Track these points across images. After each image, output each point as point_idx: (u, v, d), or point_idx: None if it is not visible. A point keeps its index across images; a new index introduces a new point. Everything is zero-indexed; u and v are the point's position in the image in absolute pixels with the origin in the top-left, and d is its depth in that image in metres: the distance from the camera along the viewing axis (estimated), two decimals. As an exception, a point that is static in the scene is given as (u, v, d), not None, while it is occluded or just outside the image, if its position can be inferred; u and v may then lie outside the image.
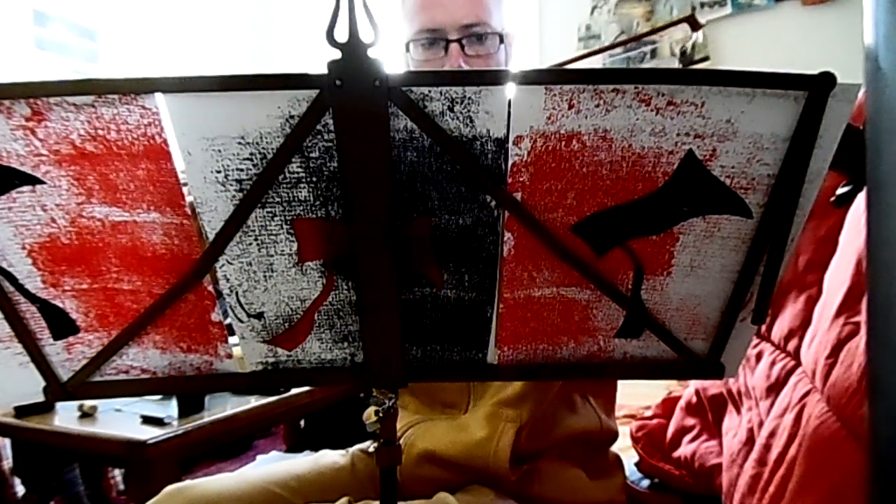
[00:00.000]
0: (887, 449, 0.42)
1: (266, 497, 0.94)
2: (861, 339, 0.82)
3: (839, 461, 0.81)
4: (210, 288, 0.57)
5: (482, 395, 0.99)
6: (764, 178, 0.52)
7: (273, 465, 1.03)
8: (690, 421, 1.34)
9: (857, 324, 0.85)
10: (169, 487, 0.93)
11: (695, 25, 0.95)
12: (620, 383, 1.11)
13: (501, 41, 0.99)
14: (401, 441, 1.00)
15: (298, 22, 3.63)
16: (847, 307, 0.88)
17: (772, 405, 1.02)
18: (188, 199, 0.53)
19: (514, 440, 0.93)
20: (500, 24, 1.00)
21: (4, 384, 0.59)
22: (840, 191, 0.75)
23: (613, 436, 1.08)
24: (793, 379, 1.00)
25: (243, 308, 0.57)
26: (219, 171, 0.51)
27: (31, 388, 0.59)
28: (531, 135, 0.51)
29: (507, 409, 0.95)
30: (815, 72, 0.48)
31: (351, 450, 1.09)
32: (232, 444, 2.78)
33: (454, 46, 0.96)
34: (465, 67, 0.95)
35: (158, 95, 0.49)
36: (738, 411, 1.19)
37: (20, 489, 2.23)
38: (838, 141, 0.51)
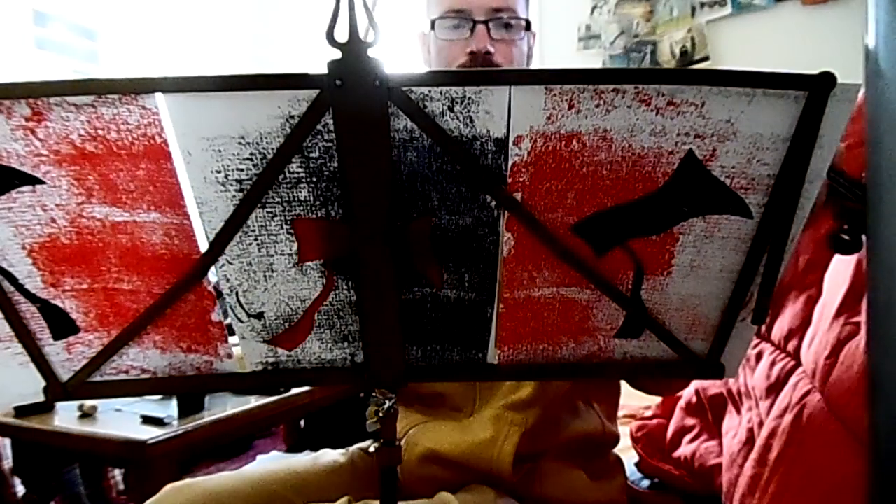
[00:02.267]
0: (887, 449, 0.42)
1: (266, 495, 0.94)
2: (861, 339, 0.82)
3: (839, 461, 0.81)
4: (210, 288, 0.57)
5: (488, 399, 0.98)
6: (764, 178, 0.52)
7: (273, 464, 1.03)
8: (690, 421, 1.34)
9: (857, 324, 0.85)
10: (169, 486, 0.93)
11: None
12: (621, 383, 1.11)
13: (527, 28, 1.00)
14: (403, 440, 1.00)
15: (298, 22, 3.62)
16: (847, 307, 0.88)
17: (772, 405, 1.02)
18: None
19: (517, 443, 0.93)
20: (526, 14, 1.01)
21: (4, 384, 0.59)
22: (840, 236, 0.76)
23: (615, 439, 1.08)
24: (793, 379, 1.00)
25: (243, 308, 0.57)
26: (219, 171, 0.51)
27: (31, 388, 0.59)
28: (531, 135, 0.51)
29: (513, 413, 0.95)
30: (815, 72, 0.48)
31: (351, 449, 1.09)
32: (232, 444, 2.78)
33: (481, 28, 0.96)
34: (491, 50, 0.96)
35: (158, 95, 0.49)
36: (738, 411, 1.19)
37: (20, 489, 2.22)
38: (838, 142, 0.51)
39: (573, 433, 1.00)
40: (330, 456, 1.07)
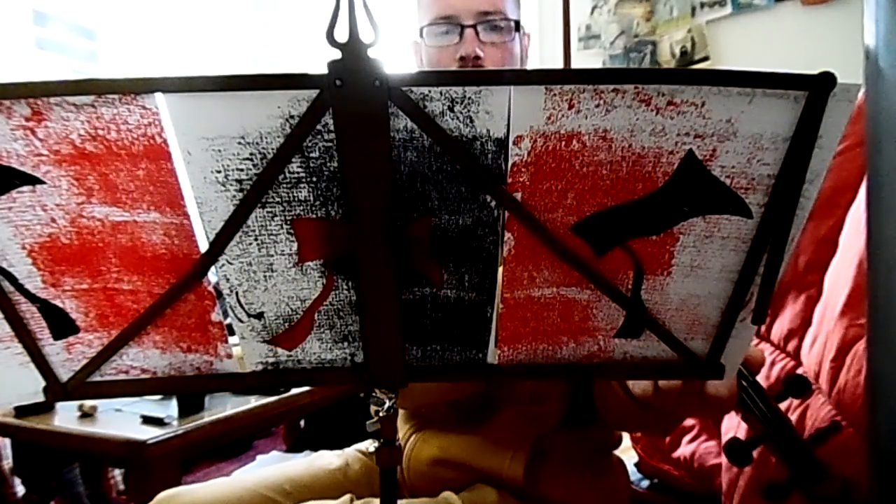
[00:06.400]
0: (887, 449, 0.42)
1: (260, 502, 0.94)
2: (865, 341, 0.82)
3: (841, 461, 0.81)
4: (210, 288, 0.57)
5: (501, 405, 0.98)
6: (764, 178, 0.52)
7: (267, 469, 1.03)
8: (690, 421, 1.34)
9: (863, 325, 0.85)
10: (161, 494, 0.93)
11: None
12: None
13: (517, 29, 1.00)
14: (412, 441, 1.01)
15: (298, 22, 3.63)
16: (851, 308, 0.88)
17: (772, 405, 1.02)
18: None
19: (531, 448, 0.93)
20: (516, 16, 1.01)
21: (4, 384, 0.59)
22: (734, 443, 0.77)
23: (619, 440, 1.08)
24: (793, 379, 1.00)
25: (243, 308, 0.57)
26: (219, 171, 0.51)
27: (31, 388, 0.59)
28: (531, 135, 0.51)
29: (527, 417, 0.95)
30: (815, 72, 0.48)
31: (346, 451, 1.09)
32: (232, 444, 2.78)
33: (469, 32, 0.96)
34: (480, 54, 0.96)
35: (158, 95, 0.49)
36: (738, 411, 1.19)
37: (20, 489, 2.23)
38: (837, 142, 0.51)
39: (581, 434, 1.00)
40: (325, 458, 1.07)
